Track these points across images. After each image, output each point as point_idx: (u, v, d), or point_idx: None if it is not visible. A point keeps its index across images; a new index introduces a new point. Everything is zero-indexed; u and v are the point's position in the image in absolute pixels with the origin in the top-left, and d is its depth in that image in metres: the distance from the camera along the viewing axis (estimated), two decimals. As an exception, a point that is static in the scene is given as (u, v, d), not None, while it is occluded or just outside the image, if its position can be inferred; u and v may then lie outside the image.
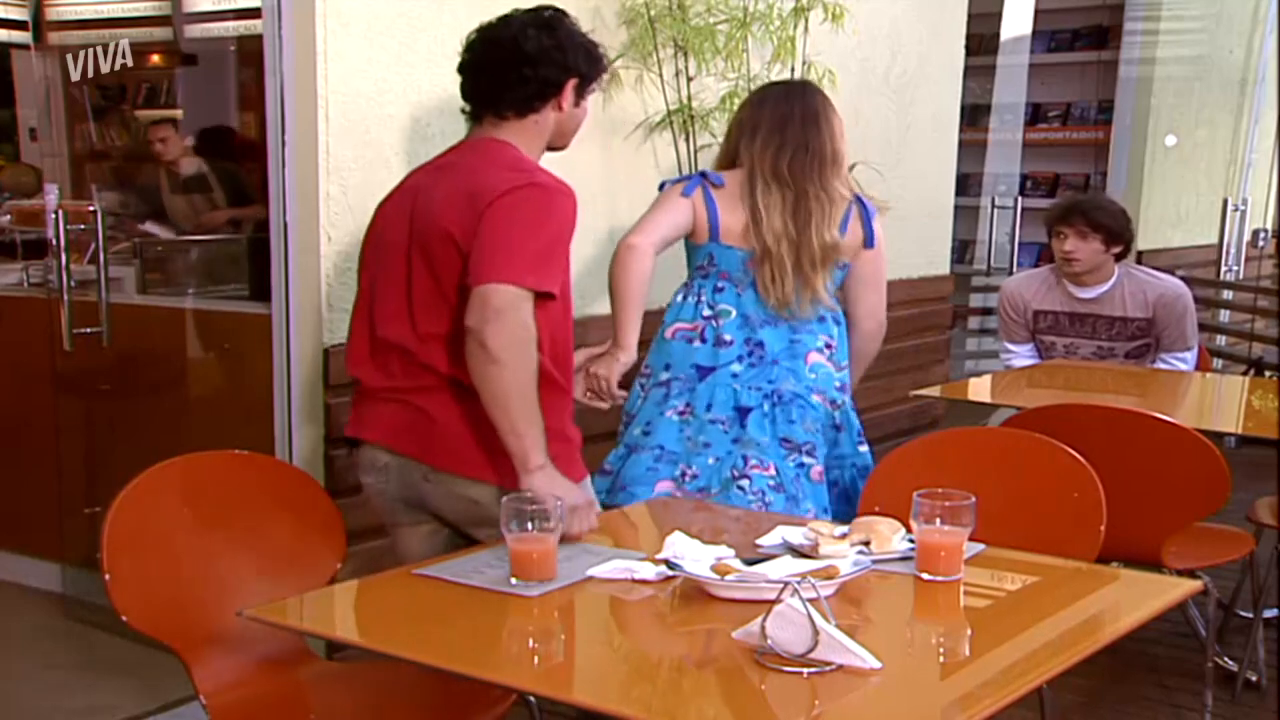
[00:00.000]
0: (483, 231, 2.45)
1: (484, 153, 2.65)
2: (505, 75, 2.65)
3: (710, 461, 3.14)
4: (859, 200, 3.28)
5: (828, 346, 3.27)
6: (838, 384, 3.30)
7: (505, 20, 2.70)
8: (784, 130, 3.20)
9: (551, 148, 2.83)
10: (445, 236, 2.50)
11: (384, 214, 2.70)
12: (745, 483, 3.10)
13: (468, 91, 2.72)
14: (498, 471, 2.45)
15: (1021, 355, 4.57)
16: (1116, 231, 4.34)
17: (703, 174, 3.29)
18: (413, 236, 2.56)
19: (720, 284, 3.26)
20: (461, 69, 2.74)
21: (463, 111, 2.76)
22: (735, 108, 4.10)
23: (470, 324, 2.38)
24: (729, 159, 3.32)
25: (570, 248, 2.66)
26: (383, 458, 2.58)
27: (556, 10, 2.70)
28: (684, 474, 3.15)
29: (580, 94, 2.74)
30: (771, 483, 3.10)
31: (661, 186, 3.36)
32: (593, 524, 2.42)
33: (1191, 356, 4.45)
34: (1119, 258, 4.40)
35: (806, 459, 3.16)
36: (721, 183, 3.25)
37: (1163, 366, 4.43)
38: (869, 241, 3.29)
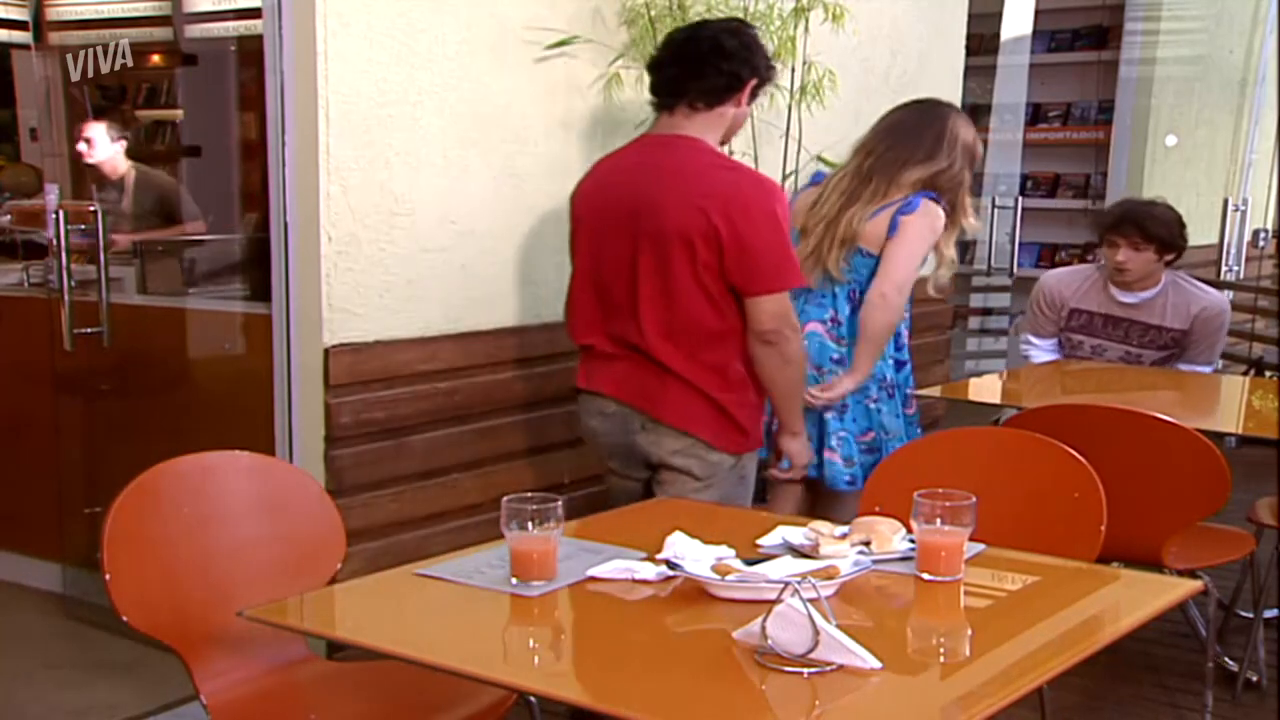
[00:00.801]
0: (746, 247, 2.88)
1: (690, 154, 3.00)
2: (703, 69, 2.98)
3: None
4: (910, 200, 3.44)
5: (833, 321, 3.50)
6: (833, 356, 3.50)
7: (702, 24, 3.17)
8: (891, 133, 3.55)
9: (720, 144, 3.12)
10: (681, 238, 2.90)
11: (588, 204, 3.12)
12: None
13: (662, 85, 3.06)
14: (704, 429, 2.99)
15: (1043, 350, 4.55)
16: (1170, 242, 4.28)
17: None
18: (639, 235, 2.96)
19: None
20: (656, 65, 3.09)
21: (651, 104, 3.10)
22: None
23: (765, 332, 2.93)
24: None
25: None
26: (610, 406, 3.07)
27: (744, 21, 3.21)
28: None
29: (753, 95, 3.10)
30: None
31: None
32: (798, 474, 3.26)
33: (1209, 371, 4.43)
34: (1169, 264, 4.35)
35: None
36: (822, 178, 3.67)
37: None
38: (890, 231, 3.44)
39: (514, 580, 2.13)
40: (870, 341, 3.43)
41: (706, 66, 2.98)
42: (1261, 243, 7.72)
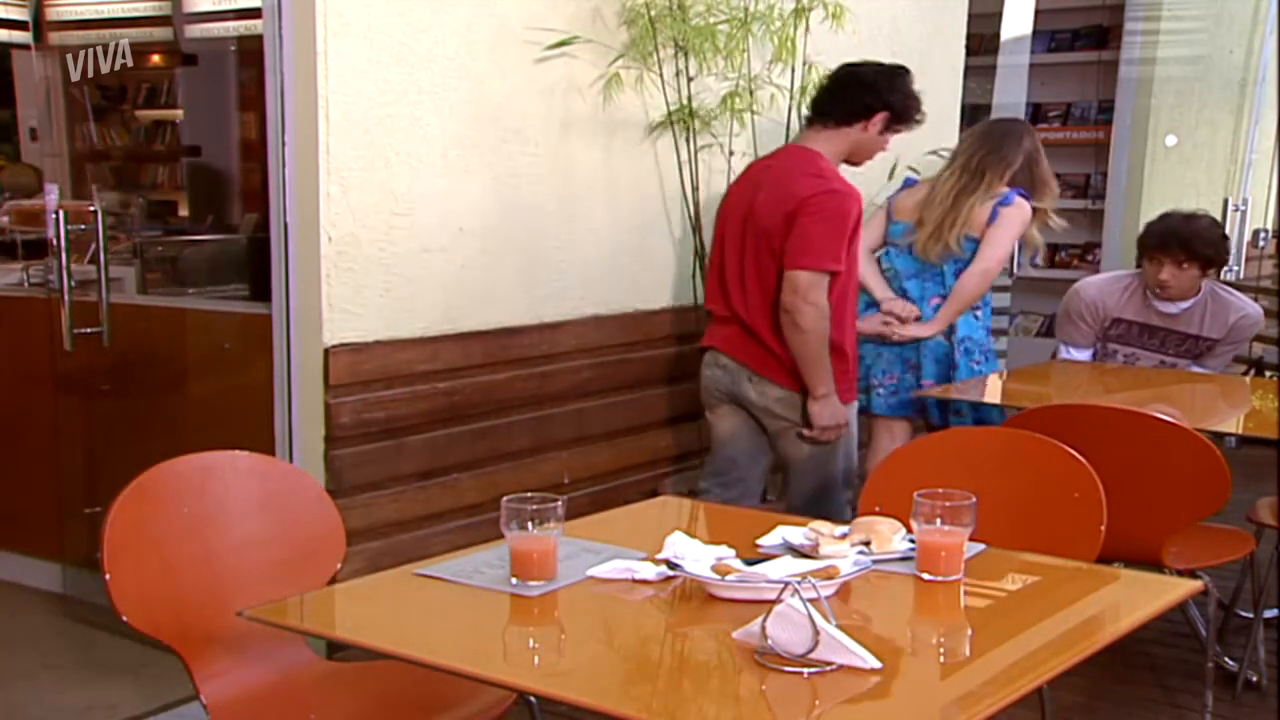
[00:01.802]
0: (795, 228, 3.47)
1: (798, 160, 3.61)
2: (844, 91, 3.63)
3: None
4: (1007, 194, 4.15)
5: (944, 297, 4.21)
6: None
7: (862, 61, 3.76)
8: (986, 140, 4.25)
9: (850, 161, 3.72)
10: (764, 232, 3.55)
11: (730, 198, 3.76)
12: (881, 390, 4.28)
13: (814, 103, 3.69)
14: (792, 383, 3.61)
15: (1083, 360, 4.53)
16: (1215, 260, 4.24)
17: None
18: (746, 225, 3.61)
19: (889, 249, 4.28)
20: (819, 88, 3.76)
21: (812, 115, 3.69)
22: (736, 107, 4.12)
23: (785, 302, 3.48)
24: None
25: (858, 234, 3.58)
26: (724, 360, 3.73)
27: (905, 68, 3.72)
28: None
29: (886, 127, 3.65)
30: (893, 388, 4.27)
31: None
32: (837, 433, 3.64)
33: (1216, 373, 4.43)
34: (1206, 274, 4.32)
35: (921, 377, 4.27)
36: (915, 182, 4.41)
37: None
38: (991, 219, 4.14)
39: (514, 580, 2.13)
40: (959, 303, 4.16)
41: (847, 90, 3.61)
42: (1261, 243, 7.71)
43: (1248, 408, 4.13)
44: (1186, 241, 4.21)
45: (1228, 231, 7.42)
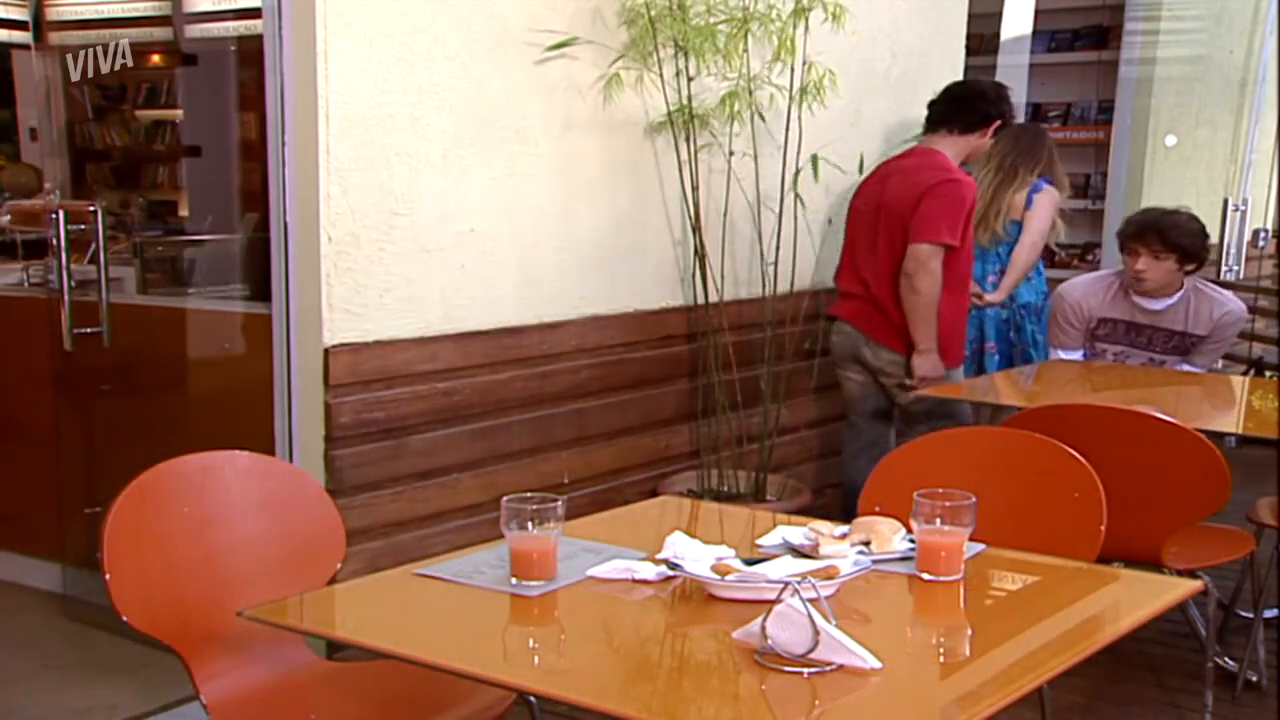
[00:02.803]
0: (919, 210, 4.15)
1: (926, 158, 4.34)
2: (968, 104, 4.38)
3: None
4: (1037, 183, 4.96)
5: (1001, 271, 4.99)
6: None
7: (975, 79, 4.73)
8: (1017, 141, 5.02)
9: (963, 163, 4.41)
10: (896, 216, 4.22)
11: (862, 192, 4.44)
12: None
13: (935, 114, 4.44)
14: (903, 348, 4.29)
15: (1074, 361, 4.54)
16: (1192, 251, 4.26)
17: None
18: (879, 213, 4.28)
19: None
20: (935, 102, 4.48)
21: (926, 122, 4.47)
22: (736, 108, 4.12)
23: (906, 267, 4.16)
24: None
25: (971, 218, 4.27)
26: (846, 328, 4.45)
27: (1002, 84, 4.56)
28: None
29: (994, 133, 4.43)
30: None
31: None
32: (935, 384, 4.20)
33: (1203, 372, 4.43)
34: (1190, 272, 4.33)
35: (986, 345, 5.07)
36: None
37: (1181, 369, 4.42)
38: (1028, 205, 4.93)
39: (514, 580, 2.13)
40: (1017, 271, 4.93)
41: (975, 103, 4.38)
42: (1261, 243, 7.71)
43: (1233, 407, 4.13)
44: (1163, 231, 4.26)
45: (1227, 231, 7.45)
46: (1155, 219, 4.33)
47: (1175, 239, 4.25)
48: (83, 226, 3.83)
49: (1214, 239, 7.52)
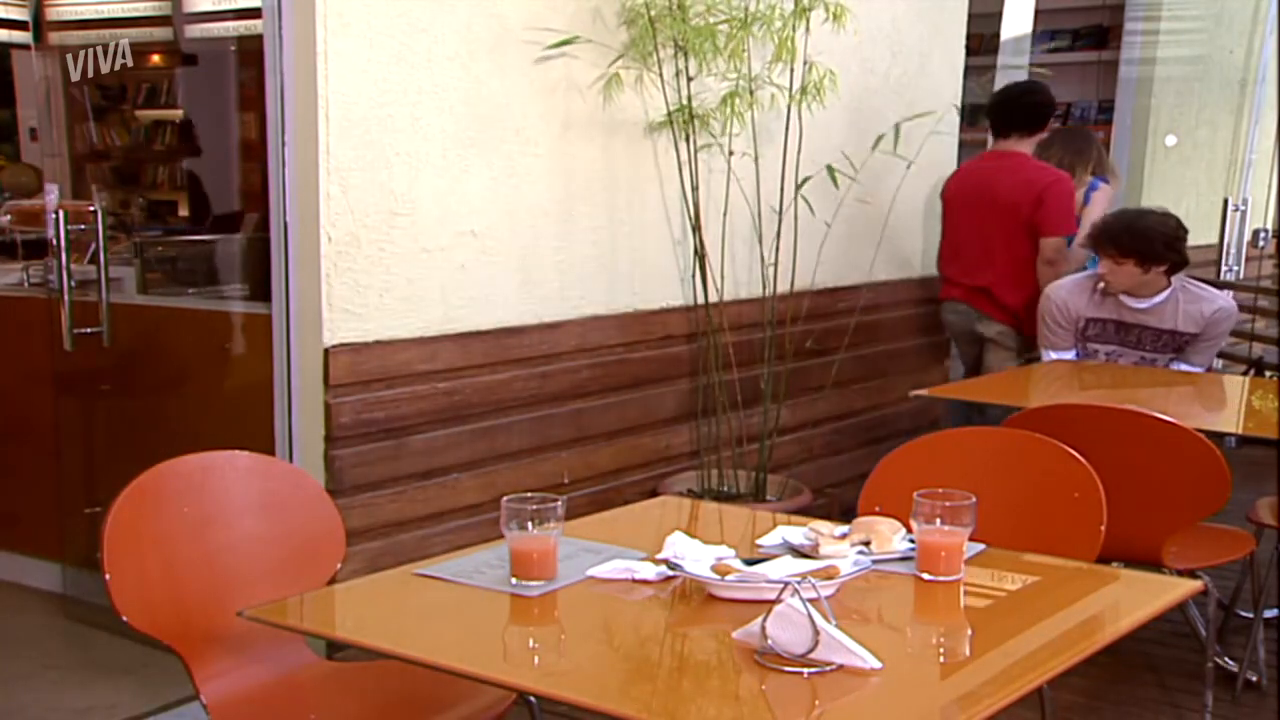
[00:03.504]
0: (1044, 208, 4.79)
1: (1019, 159, 4.94)
2: (1035, 108, 5.00)
3: None
4: (1094, 181, 5.29)
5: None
6: None
7: (1031, 83, 5.26)
8: (1070, 140, 5.42)
9: None
10: (1011, 211, 4.84)
11: (959, 192, 5.07)
12: None
13: (1003, 119, 5.01)
14: (1009, 320, 4.95)
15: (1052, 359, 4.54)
16: (1150, 255, 4.23)
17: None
18: (990, 209, 4.88)
19: None
20: (996, 107, 5.10)
21: (992, 128, 5.10)
22: (736, 107, 4.12)
23: (1050, 257, 4.82)
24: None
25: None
26: (960, 306, 5.08)
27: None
28: None
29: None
30: None
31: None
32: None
33: (1201, 371, 4.43)
34: (1170, 272, 4.30)
35: None
36: None
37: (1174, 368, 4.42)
38: (1085, 201, 5.22)
39: (514, 580, 2.13)
40: (1075, 263, 5.04)
41: (1036, 108, 4.99)
42: (1261, 243, 7.71)
43: (1233, 407, 4.12)
44: (1116, 237, 4.26)
45: (1227, 231, 7.45)
46: (1114, 224, 4.35)
47: (1129, 244, 4.23)
48: (83, 226, 3.83)
49: (1214, 239, 7.54)
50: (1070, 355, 4.54)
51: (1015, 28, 6.74)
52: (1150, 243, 4.25)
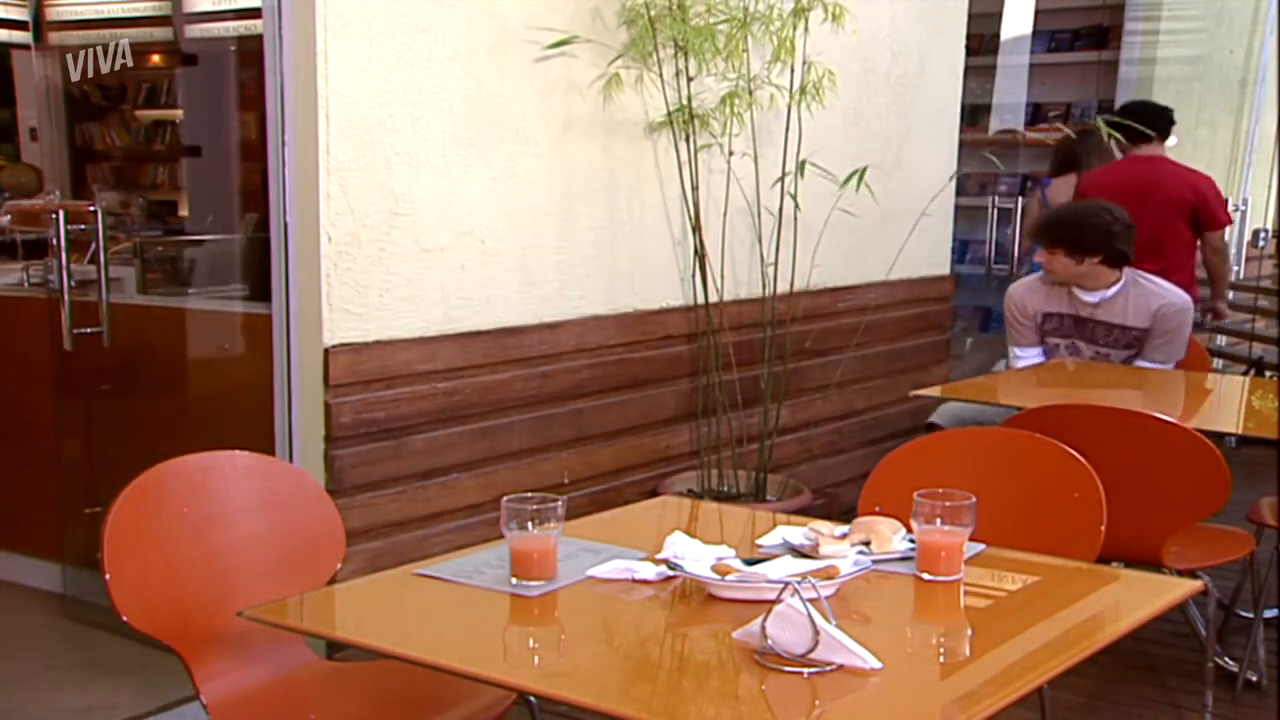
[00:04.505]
0: (1208, 203, 5.50)
1: (1170, 163, 5.61)
2: (1161, 118, 5.61)
3: None
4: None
5: None
6: None
7: (1149, 101, 6.02)
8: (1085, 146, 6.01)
9: None
10: (1177, 205, 5.44)
11: (1112, 189, 5.18)
12: None
13: (1149, 127, 5.36)
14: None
15: (1030, 359, 4.55)
16: (1080, 245, 4.25)
17: None
18: (1162, 206, 5.37)
19: None
20: (1135, 116, 5.18)
21: (1141, 134, 5.32)
22: (736, 108, 4.12)
23: (1218, 246, 5.67)
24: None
25: None
26: None
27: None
28: None
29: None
30: None
31: None
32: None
33: (1170, 369, 4.41)
34: (1115, 265, 4.32)
35: None
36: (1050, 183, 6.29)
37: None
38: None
39: (514, 580, 2.13)
40: None
41: (1162, 117, 5.60)
42: (1261, 243, 7.71)
43: (1233, 407, 4.12)
44: (1049, 228, 4.37)
45: (1227, 231, 7.44)
46: (1052, 214, 4.45)
47: (1058, 234, 4.31)
48: (83, 226, 3.83)
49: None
50: (1035, 351, 4.55)
51: (1015, 28, 6.75)
52: (1080, 232, 4.30)
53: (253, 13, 3.43)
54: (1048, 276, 4.44)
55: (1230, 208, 7.54)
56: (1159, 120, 5.57)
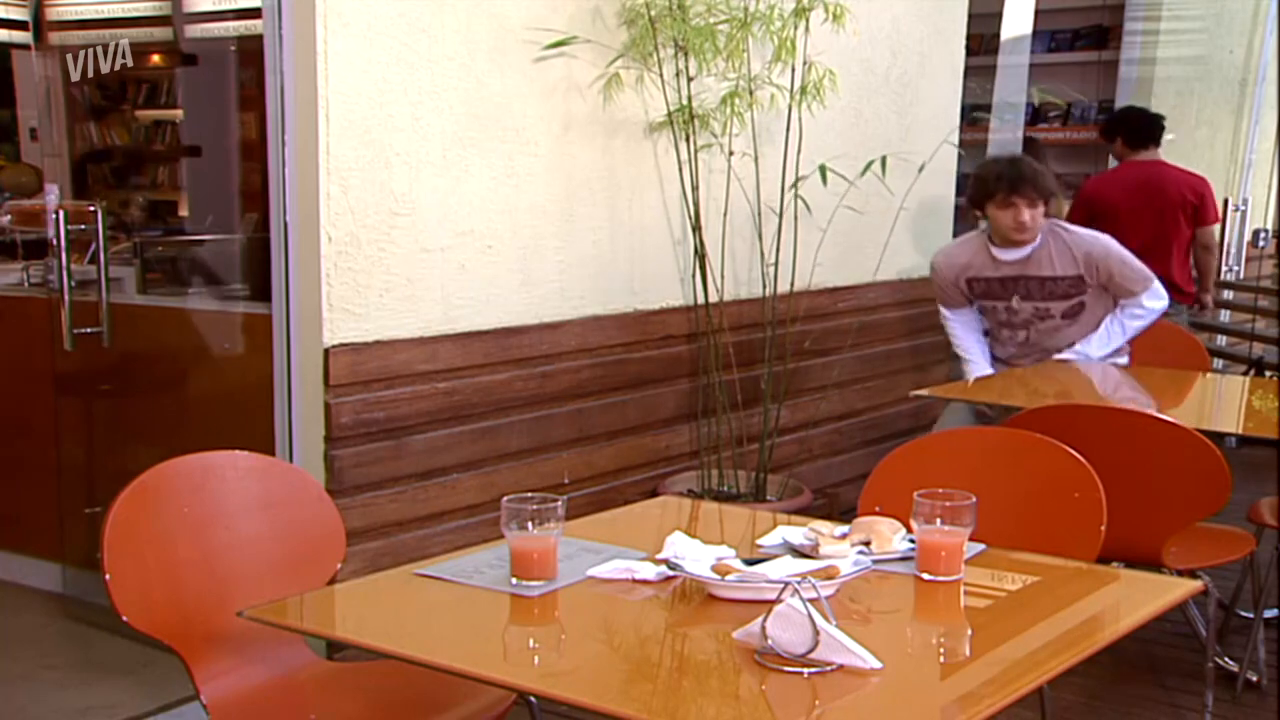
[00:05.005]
0: (1206, 203, 5.82)
1: (1168, 167, 5.92)
2: (1156, 126, 5.96)
3: None
4: None
5: None
6: None
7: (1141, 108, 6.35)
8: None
9: None
10: (1180, 206, 5.78)
11: (1117, 194, 5.83)
12: None
13: (1140, 135, 5.94)
14: (1189, 300, 5.95)
15: (957, 320, 4.58)
16: (1044, 193, 4.29)
17: None
18: (1165, 209, 5.79)
19: None
20: (1128, 126, 6.02)
21: (1140, 141, 5.95)
22: (736, 108, 4.12)
23: (1208, 243, 5.90)
24: None
25: None
26: None
27: None
28: None
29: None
30: None
31: None
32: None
33: (1157, 289, 4.40)
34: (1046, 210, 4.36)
35: None
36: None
37: (1136, 319, 4.40)
38: None
39: (514, 580, 2.13)
40: None
41: (1156, 125, 5.93)
42: (1261, 243, 7.71)
43: (1233, 407, 4.12)
44: (1034, 179, 4.28)
45: (1227, 231, 7.45)
46: (1019, 169, 4.32)
47: (1047, 184, 4.30)
48: (83, 226, 3.83)
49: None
50: (967, 312, 4.56)
51: (1015, 28, 6.75)
52: (1043, 179, 4.32)
53: (253, 13, 3.43)
54: (1022, 234, 4.31)
55: (1230, 208, 7.59)
56: (1154, 126, 5.94)
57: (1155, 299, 4.40)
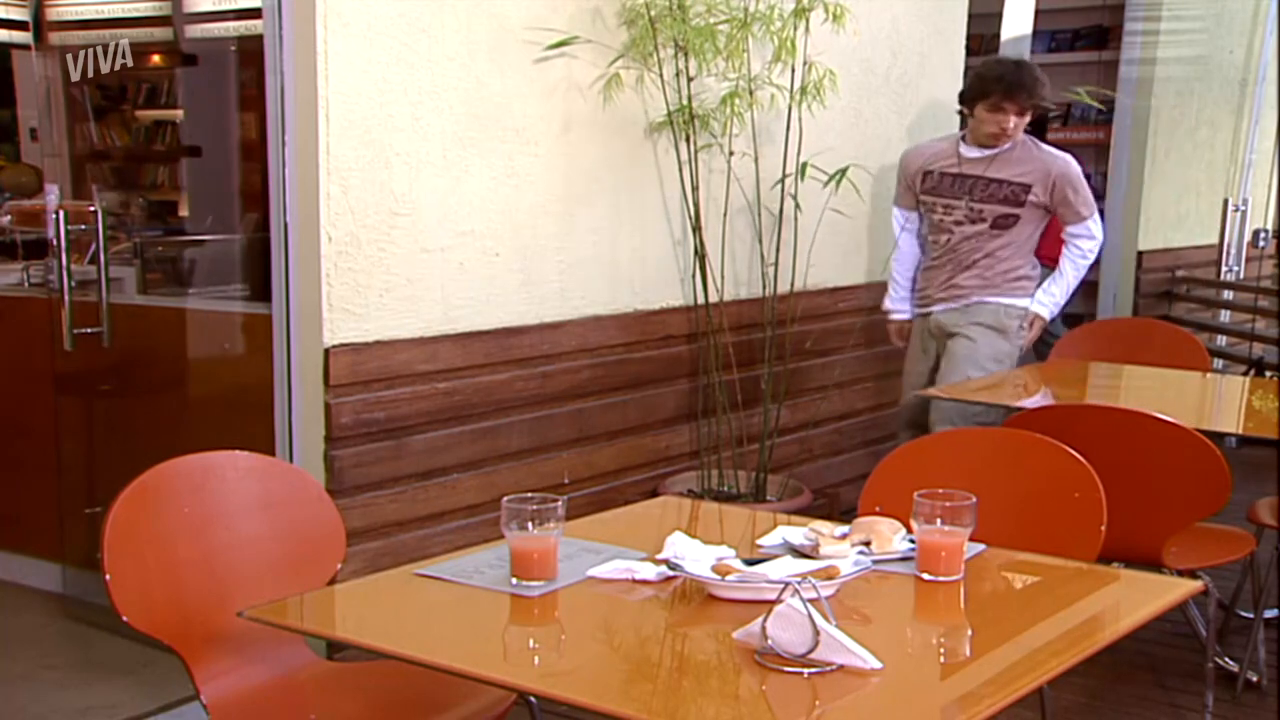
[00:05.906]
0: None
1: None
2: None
3: None
4: None
5: None
6: None
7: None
8: None
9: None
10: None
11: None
12: None
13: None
14: None
15: (903, 238, 4.65)
16: (1035, 100, 4.32)
17: None
18: None
19: None
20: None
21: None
22: (736, 108, 4.12)
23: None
24: None
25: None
26: None
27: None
28: None
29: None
30: None
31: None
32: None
33: (1094, 224, 4.44)
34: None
35: None
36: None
37: (1075, 254, 4.45)
38: None
39: (514, 580, 2.13)
40: None
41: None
42: (1261, 243, 7.70)
43: (1233, 407, 4.12)
44: (1031, 89, 4.31)
45: (1227, 231, 7.45)
46: (1021, 76, 4.31)
47: (1041, 97, 4.32)
48: (83, 226, 3.83)
49: (1214, 239, 7.55)
50: (912, 215, 4.61)
51: (1015, 28, 6.74)
52: (1040, 85, 4.34)
53: (253, 13, 3.43)
54: (1002, 139, 4.34)
55: (1230, 208, 7.59)
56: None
57: (1098, 229, 4.47)
